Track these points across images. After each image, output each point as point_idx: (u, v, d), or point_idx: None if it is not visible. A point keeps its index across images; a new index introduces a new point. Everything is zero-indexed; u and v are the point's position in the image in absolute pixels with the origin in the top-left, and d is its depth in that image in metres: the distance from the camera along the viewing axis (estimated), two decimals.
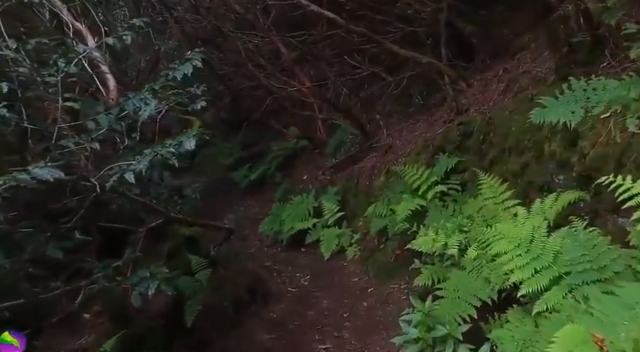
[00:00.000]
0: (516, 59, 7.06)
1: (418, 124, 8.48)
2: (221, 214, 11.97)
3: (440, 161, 6.64)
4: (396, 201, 6.98)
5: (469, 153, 6.35)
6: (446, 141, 6.73)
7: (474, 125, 6.29)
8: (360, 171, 8.75)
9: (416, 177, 6.67)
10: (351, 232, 8.29)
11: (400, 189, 7.05)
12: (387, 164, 8.01)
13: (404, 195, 6.68)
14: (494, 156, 5.90)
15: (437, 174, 6.54)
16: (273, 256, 9.17)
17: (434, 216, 5.99)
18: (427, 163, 7.03)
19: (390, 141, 8.58)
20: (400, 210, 6.40)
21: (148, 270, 4.69)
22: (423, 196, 6.50)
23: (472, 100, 7.17)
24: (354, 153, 9.37)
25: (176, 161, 4.15)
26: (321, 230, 8.64)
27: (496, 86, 6.86)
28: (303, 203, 9.20)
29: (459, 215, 5.47)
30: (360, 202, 8.48)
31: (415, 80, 9.11)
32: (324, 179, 9.88)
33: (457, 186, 6.37)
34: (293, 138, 11.77)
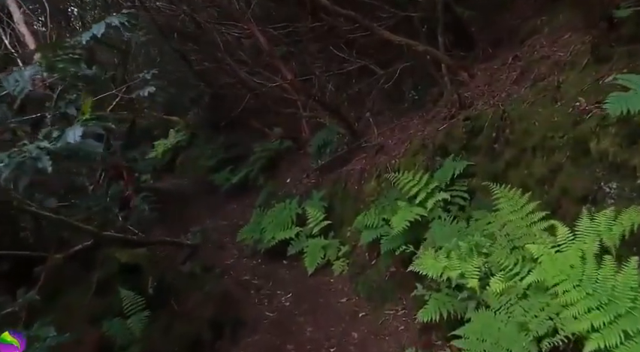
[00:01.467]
0: (526, 45, 5.69)
1: (412, 121, 7.08)
2: (201, 219, 10.53)
3: (444, 164, 5.25)
4: (390, 210, 5.58)
5: (479, 154, 4.96)
6: (449, 139, 5.34)
7: (484, 120, 4.90)
8: (349, 173, 7.34)
9: (414, 183, 5.27)
10: (338, 244, 6.88)
11: (395, 195, 5.65)
12: (379, 166, 6.60)
13: (400, 203, 5.27)
14: (511, 157, 4.51)
15: (440, 180, 5.15)
16: (253, 268, 7.73)
17: (439, 232, 4.59)
18: (426, 166, 5.63)
19: (381, 140, 7.18)
20: (396, 221, 5.00)
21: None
22: (422, 205, 5.10)
23: (476, 92, 5.79)
24: (341, 153, 7.95)
25: (48, 162, 2.66)
26: (304, 240, 7.22)
27: (507, 75, 5.48)
28: (286, 210, 7.76)
29: (475, 232, 4.06)
30: (348, 209, 7.07)
31: (408, 74, 7.71)
32: (308, 182, 8.45)
33: (464, 194, 4.98)
34: (277, 138, 10.33)
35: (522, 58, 5.50)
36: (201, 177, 12.30)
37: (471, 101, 5.72)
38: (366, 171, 6.92)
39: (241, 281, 7.23)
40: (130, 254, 4.71)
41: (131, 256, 4.49)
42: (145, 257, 5.00)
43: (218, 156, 11.68)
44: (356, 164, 7.34)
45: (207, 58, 9.69)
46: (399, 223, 4.96)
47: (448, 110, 6.00)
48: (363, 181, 6.87)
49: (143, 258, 4.94)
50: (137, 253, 4.97)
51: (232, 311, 5.54)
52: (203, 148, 12.39)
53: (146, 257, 5.02)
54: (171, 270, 4.95)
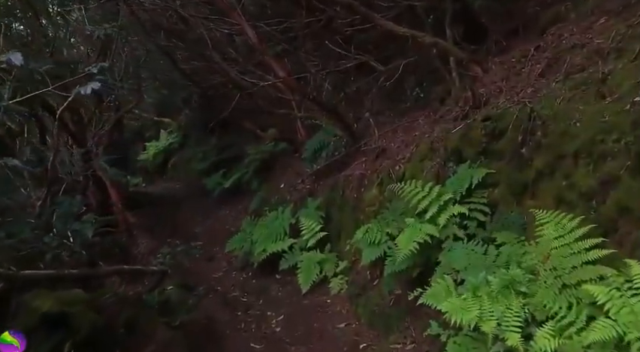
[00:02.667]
0: (550, 34, 4.73)
1: (416, 122, 6.11)
2: (191, 226, 9.60)
3: (458, 171, 4.29)
4: (395, 225, 4.63)
5: (502, 160, 4.00)
6: (465, 142, 4.37)
7: (508, 120, 3.94)
8: (347, 179, 6.37)
9: (423, 194, 4.30)
10: (335, 258, 5.93)
11: (401, 208, 4.70)
12: (381, 172, 5.64)
13: (407, 219, 4.31)
14: (545, 165, 3.55)
15: (454, 190, 4.19)
16: (242, 283, 6.78)
17: (458, 258, 3.64)
18: (437, 173, 4.67)
19: (382, 143, 6.21)
20: (403, 242, 4.05)
21: None
22: (433, 221, 4.14)
23: (492, 89, 4.83)
24: (338, 157, 6.98)
25: None
26: (298, 254, 6.26)
27: (529, 68, 4.51)
28: (278, 219, 6.80)
29: (507, 262, 3.10)
30: (346, 219, 6.11)
31: (411, 70, 6.74)
32: (303, 188, 7.48)
33: (484, 207, 4.02)
34: (271, 140, 9.36)
35: (546, 48, 4.54)
36: (193, 181, 11.35)
37: (486, 99, 4.76)
38: (366, 177, 5.96)
39: (228, 299, 6.28)
40: (57, 299, 3.30)
41: (58, 302, 3.20)
42: (79, 300, 3.49)
43: (210, 159, 10.72)
44: (355, 169, 6.37)
45: (195, 56, 8.69)
46: (406, 245, 4.00)
47: (460, 108, 5.03)
48: (363, 189, 5.91)
49: (76, 302, 3.44)
50: (69, 296, 3.52)
51: (211, 347, 4.56)
52: (195, 150, 11.42)
53: (80, 300, 3.51)
54: (130, 306, 3.90)
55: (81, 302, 3.35)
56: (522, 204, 3.76)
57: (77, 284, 3.63)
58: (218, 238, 8.43)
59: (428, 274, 4.24)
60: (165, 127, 12.41)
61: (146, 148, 12.47)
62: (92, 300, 3.51)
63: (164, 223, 9.63)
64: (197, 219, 9.77)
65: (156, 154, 12.23)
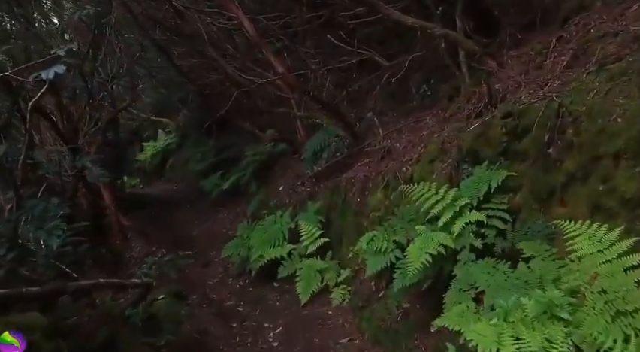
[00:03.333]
0: (573, 24, 4.23)
1: (424, 121, 5.61)
2: (187, 228, 9.08)
3: (475, 174, 3.78)
4: (403, 233, 4.12)
5: (525, 162, 3.49)
6: (481, 142, 3.86)
7: (532, 117, 3.43)
8: (349, 182, 5.86)
9: (436, 199, 3.79)
10: (337, 267, 5.43)
11: (410, 213, 4.19)
12: (386, 174, 5.14)
13: (417, 227, 3.81)
14: (577, 167, 3.05)
15: (470, 195, 3.68)
16: (239, 291, 6.27)
17: (477, 272, 3.13)
18: (449, 175, 4.17)
19: (387, 143, 5.70)
20: (414, 254, 3.54)
21: None
22: (447, 229, 3.64)
23: (510, 84, 4.33)
24: (340, 158, 6.48)
25: None
26: (298, 261, 5.76)
27: (553, 60, 4.01)
28: (277, 223, 6.29)
29: (541, 280, 2.59)
30: (349, 225, 5.61)
31: (418, 66, 6.25)
32: (303, 191, 6.98)
33: (504, 214, 3.51)
34: (270, 140, 8.85)
35: (570, 39, 4.04)
36: (191, 182, 10.86)
37: (503, 95, 4.26)
38: (370, 179, 5.45)
39: (223, 308, 5.77)
40: (7, 325, 2.66)
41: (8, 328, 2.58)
42: (37, 326, 2.84)
43: (208, 160, 10.21)
44: (358, 171, 5.87)
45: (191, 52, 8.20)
46: (417, 257, 3.49)
47: (473, 106, 4.53)
48: (366, 192, 5.41)
49: (34, 327, 2.80)
50: (24, 320, 2.86)
51: None
52: (194, 151, 10.92)
53: (38, 325, 2.85)
54: (111, 323, 3.37)
55: (40, 328, 2.78)
56: (549, 211, 3.25)
57: (48, 303, 3.10)
58: (215, 242, 7.92)
59: (440, 287, 3.75)
60: (163, 127, 11.91)
61: (144, 148, 11.96)
62: (55, 323, 2.93)
63: (160, 225, 9.13)
64: (195, 221, 9.26)
65: (154, 155, 11.73)
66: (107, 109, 8.42)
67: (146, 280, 4.17)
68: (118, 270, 6.93)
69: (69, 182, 6.98)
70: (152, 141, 12.16)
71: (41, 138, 7.33)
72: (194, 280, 6.80)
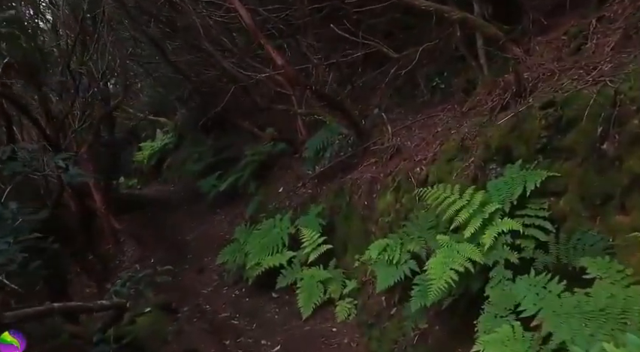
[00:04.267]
0: (616, 4, 3.56)
1: (437, 117, 4.94)
2: (183, 231, 8.40)
3: (506, 174, 3.10)
4: (421, 243, 3.44)
5: (572, 160, 2.81)
6: (514, 138, 3.18)
7: (580, 106, 2.76)
8: (354, 184, 5.19)
9: (461, 204, 3.12)
10: (342, 277, 4.75)
11: (429, 221, 3.51)
12: (397, 175, 4.46)
13: (439, 237, 3.13)
14: None
15: (501, 199, 3.01)
16: (234, 301, 5.59)
17: (518, 294, 2.45)
18: (473, 176, 3.49)
19: (396, 141, 5.02)
20: (436, 270, 2.86)
21: None
22: (475, 240, 2.97)
23: (540, 72, 3.64)
24: (344, 158, 5.80)
25: None
26: (298, 270, 5.08)
27: (596, 42, 3.33)
28: (276, 228, 5.62)
29: (634, 314, 1.91)
30: (354, 231, 4.93)
31: (428, 59, 5.58)
32: (304, 193, 6.30)
33: (544, 222, 2.83)
34: (269, 140, 8.17)
35: (616, 18, 3.36)
36: (189, 183, 10.16)
37: (534, 84, 3.58)
38: (378, 181, 4.78)
39: (217, 322, 5.10)
40: None
41: None
42: None
43: (205, 160, 9.53)
44: (364, 171, 5.20)
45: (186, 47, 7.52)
46: (440, 273, 2.81)
47: (498, 97, 3.85)
48: (374, 195, 4.73)
49: None
50: None
51: None
52: (191, 151, 10.23)
53: None
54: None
55: None
56: (605, 220, 2.57)
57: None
58: (212, 246, 7.26)
59: (463, 305, 3.10)
60: (162, 127, 11.24)
61: (141, 148, 11.29)
62: None
63: (155, 228, 8.46)
64: (191, 224, 8.58)
65: (151, 155, 11.05)
66: (99, 107, 7.73)
67: (117, 300, 3.47)
68: (106, 278, 6.26)
69: (55, 183, 6.32)
70: (149, 140, 11.49)
71: (25, 136, 6.67)
72: (187, 288, 6.13)
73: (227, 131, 9.66)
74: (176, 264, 6.97)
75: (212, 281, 6.18)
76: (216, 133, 9.77)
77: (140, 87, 11.92)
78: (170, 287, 6.11)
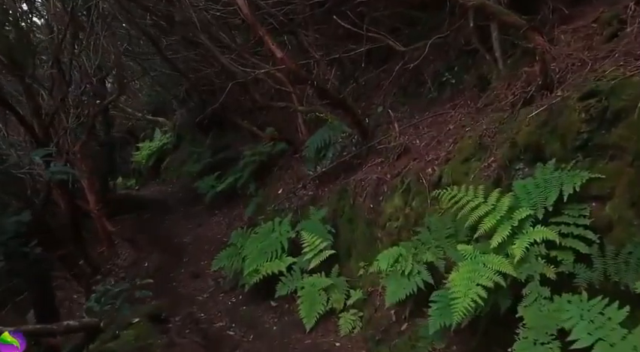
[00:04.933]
0: None
1: (448, 114, 4.48)
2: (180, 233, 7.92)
3: (537, 176, 2.64)
4: (439, 253, 2.98)
5: (620, 159, 2.35)
6: (546, 134, 2.72)
7: (630, 95, 2.30)
8: (358, 185, 4.72)
9: (485, 209, 2.65)
10: (345, 285, 4.26)
11: (447, 227, 3.04)
12: (406, 176, 4.00)
13: (460, 246, 2.66)
14: None
15: (532, 204, 2.55)
16: (231, 309, 5.10)
17: (562, 316, 1.99)
18: (496, 178, 3.02)
19: (404, 140, 4.56)
20: (460, 284, 2.40)
21: None
22: (503, 250, 2.50)
23: (569, 62, 3.20)
24: (347, 158, 5.33)
25: None
26: (299, 277, 4.60)
27: (638, 27, 2.88)
28: (275, 232, 5.14)
29: None
30: (359, 236, 4.46)
31: (436, 54, 5.12)
32: (305, 195, 5.82)
33: (585, 231, 2.37)
34: (269, 139, 7.69)
35: None
36: (187, 184, 9.67)
37: (562, 75, 3.13)
38: (384, 182, 4.31)
39: (211, 332, 4.61)
40: None
41: None
42: None
43: (204, 160, 9.04)
44: (369, 172, 4.73)
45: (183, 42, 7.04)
46: (465, 290, 2.36)
47: (521, 90, 3.40)
48: (381, 197, 4.26)
49: None
50: None
51: None
52: (191, 151, 9.75)
53: None
54: None
55: None
56: None
57: None
58: (209, 249, 6.79)
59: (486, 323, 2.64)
60: (161, 126, 10.76)
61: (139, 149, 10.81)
62: None
63: (151, 230, 7.98)
64: (188, 226, 8.09)
65: (149, 155, 10.56)
66: (93, 104, 7.24)
67: (87, 321, 2.99)
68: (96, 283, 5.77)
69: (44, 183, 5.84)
70: (148, 140, 11.02)
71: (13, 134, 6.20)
72: (181, 294, 5.66)
73: (227, 131, 9.19)
74: (172, 268, 6.51)
75: (208, 287, 5.70)
76: (215, 133, 9.29)
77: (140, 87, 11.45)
78: (164, 293, 5.67)
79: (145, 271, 6.40)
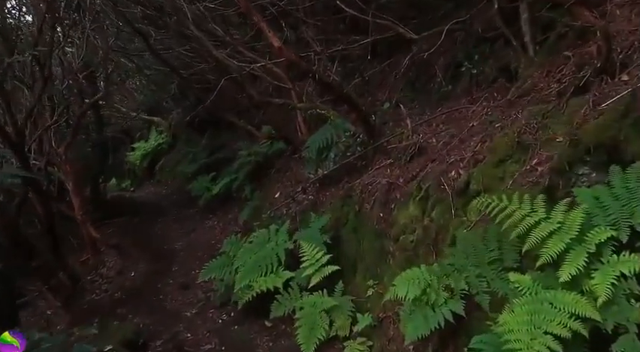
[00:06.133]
0: None
1: (469, 108, 3.72)
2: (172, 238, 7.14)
3: (615, 184, 1.87)
4: (476, 282, 2.20)
5: None
6: (627, 129, 1.96)
7: None
8: (365, 190, 3.94)
9: (549, 229, 1.88)
10: (350, 307, 3.49)
11: (489, 249, 2.26)
12: (424, 181, 3.23)
13: (512, 276, 1.89)
14: None
15: (611, 221, 1.78)
16: (220, 329, 4.32)
17: None
18: (547, 185, 2.25)
19: (418, 138, 3.79)
20: (518, 333, 1.64)
21: None
22: (577, 286, 1.74)
23: (633, 40, 2.44)
24: (351, 159, 4.57)
25: None
26: (297, 296, 3.83)
27: None
28: (270, 242, 4.36)
29: None
30: (366, 248, 3.69)
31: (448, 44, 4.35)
32: (305, 199, 5.04)
33: None
34: (266, 139, 6.92)
35: None
36: (182, 185, 8.88)
37: (627, 55, 2.38)
38: (397, 187, 3.54)
39: None
40: None
41: None
42: None
43: (199, 161, 8.27)
44: (377, 175, 3.96)
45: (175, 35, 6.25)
46: (529, 341, 1.61)
47: (569, 77, 2.64)
48: (392, 205, 3.49)
49: None
50: None
51: None
52: (186, 151, 8.95)
53: None
54: None
55: None
56: None
57: None
58: (202, 257, 5.99)
59: None
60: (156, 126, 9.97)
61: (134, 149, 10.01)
62: None
63: (141, 236, 7.18)
64: (181, 230, 7.31)
65: (144, 155, 9.77)
66: (79, 102, 6.46)
67: None
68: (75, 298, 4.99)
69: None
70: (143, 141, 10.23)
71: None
72: (167, 310, 4.88)
73: (223, 130, 8.41)
74: (160, 278, 5.72)
75: (198, 301, 4.92)
76: (212, 132, 8.52)
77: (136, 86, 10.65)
78: (148, 308, 4.90)
79: (131, 281, 5.62)
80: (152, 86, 9.61)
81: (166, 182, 9.57)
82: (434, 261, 2.87)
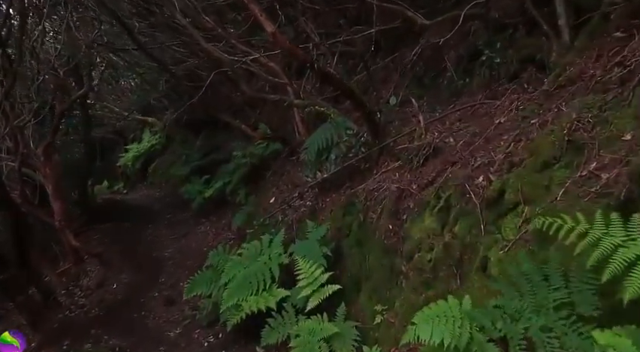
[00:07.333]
0: None
1: (492, 105, 3.11)
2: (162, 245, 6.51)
3: None
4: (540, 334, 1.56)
5: None
6: None
7: None
8: (370, 197, 3.33)
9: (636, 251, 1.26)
10: (355, 335, 2.86)
11: (553, 287, 1.60)
12: (443, 188, 2.62)
13: (600, 337, 1.26)
14: None
15: None
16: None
17: None
18: (624, 199, 1.64)
19: (432, 138, 3.18)
20: None
21: None
22: None
23: None
24: (354, 161, 3.95)
25: None
26: (292, 320, 3.20)
27: None
28: (263, 255, 3.73)
29: None
30: (373, 264, 3.07)
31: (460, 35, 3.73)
32: (301, 206, 4.42)
33: None
34: (261, 139, 6.30)
35: None
36: (175, 187, 8.24)
37: None
38: (409, 194, 2.92)
39: None
40: None
41: None
42: None
43: (193, 163, 7.63)
44: (384, 180, 3.34)
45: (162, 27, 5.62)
46: None
47: (634, 61, 2.02)
48: (404, 215, 2.87)
49: None
50: None
51: None
52: (181, 153, 8.31)
53: None
54: None
55: None
56: None
57: None
58: (191, 266, 5.38)
59: None
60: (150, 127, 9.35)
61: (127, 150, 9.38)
62: None
63: (129, 242, 6.54)
64: (171, 236, 6.68)
65: (136, 157, 9.14)
66: (60, 100, 5.82)
67: None
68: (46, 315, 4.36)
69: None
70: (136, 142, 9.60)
71: None
72: (149, 328, 4.25)
73: (219, 130, 7.79)
74: (144, 291, 5.09)
75: (183, 319, 4.30)
76: (207, 133, 7.89)
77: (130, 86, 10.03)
78: (129, 327, 4.28)
79: (112, 294, 4.99)
80: (146, 86, 8.97)
81: (159, 184, 8.93)
82: (458, 287, 2.27)
